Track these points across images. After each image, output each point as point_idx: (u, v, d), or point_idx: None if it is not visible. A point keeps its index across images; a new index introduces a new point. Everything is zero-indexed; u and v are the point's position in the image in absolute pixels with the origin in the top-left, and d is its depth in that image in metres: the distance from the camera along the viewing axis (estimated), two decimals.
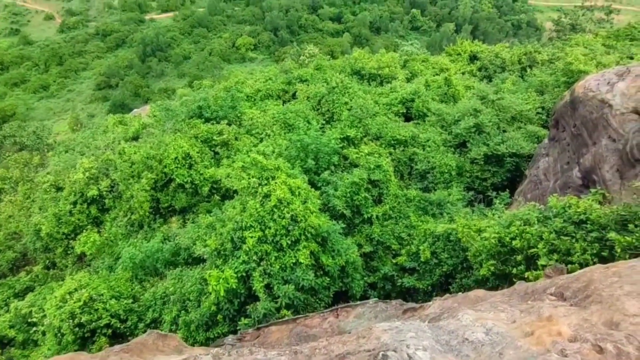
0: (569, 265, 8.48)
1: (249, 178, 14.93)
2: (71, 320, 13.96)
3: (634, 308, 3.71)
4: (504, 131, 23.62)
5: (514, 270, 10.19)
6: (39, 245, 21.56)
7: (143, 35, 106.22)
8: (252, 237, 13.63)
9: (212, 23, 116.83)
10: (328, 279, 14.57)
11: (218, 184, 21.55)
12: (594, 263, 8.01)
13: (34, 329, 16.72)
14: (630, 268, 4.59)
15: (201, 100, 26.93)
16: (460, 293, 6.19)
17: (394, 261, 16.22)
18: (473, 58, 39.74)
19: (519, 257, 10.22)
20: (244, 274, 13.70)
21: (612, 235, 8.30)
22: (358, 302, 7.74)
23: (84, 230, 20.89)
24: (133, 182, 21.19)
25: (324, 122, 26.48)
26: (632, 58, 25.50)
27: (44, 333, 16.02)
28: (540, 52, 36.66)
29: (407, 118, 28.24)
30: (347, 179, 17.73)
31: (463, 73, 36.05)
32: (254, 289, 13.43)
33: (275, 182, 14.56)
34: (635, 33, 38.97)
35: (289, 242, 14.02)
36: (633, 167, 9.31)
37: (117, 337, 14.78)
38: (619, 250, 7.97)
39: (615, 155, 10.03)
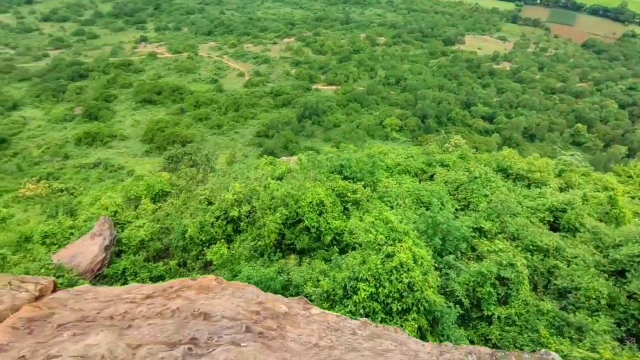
0: None
1: (377, 234, 15.28)
2: None
3: None
4: None
5: None
6: (181, 244, 24.99)
7: (306, 100, 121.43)
8: (365, 290, 13.65)
9: (367, 100, 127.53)
10: None
11: (340, 237, 22.39)
12: None
13: None
14: None
15: (344, 159, 29.09)
16: None
17: None
18: None
19: None
20: None
21: None
22: None
23: (217, 243, 23.58)
24: (269, 213, 23.49)
25: (458, 207, 25.77)
26: None
27: None
28: None
29: (553, 228, 25.52)
30: (474, 267, 16.64)
31: (633, 197, 31.50)
32: None
33: (401, 245, 14.58)
34: None
35: (399, 309, 13.58)
36: None
37: None
38: None
39: None
